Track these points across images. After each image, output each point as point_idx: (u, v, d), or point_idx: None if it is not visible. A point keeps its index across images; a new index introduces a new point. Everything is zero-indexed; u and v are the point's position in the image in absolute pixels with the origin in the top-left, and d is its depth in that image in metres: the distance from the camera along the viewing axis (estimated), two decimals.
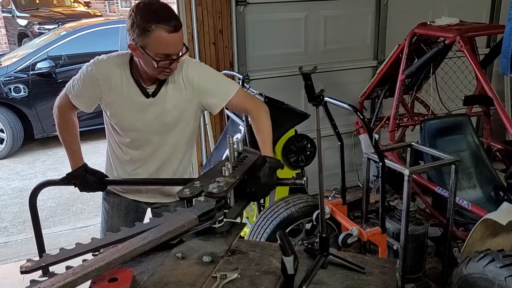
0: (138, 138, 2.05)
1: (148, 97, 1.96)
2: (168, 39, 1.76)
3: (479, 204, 2.90)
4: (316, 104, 1.49)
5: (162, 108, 1.99)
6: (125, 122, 2.03)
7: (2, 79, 6.03)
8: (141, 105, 1.97)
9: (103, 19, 9.79)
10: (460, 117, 3.41)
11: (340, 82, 4.10)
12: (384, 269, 1.39)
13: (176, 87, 1.98)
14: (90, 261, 1.16)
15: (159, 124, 2.01)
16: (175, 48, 1.81)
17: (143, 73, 1.92)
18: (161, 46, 1.77)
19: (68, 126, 2.11)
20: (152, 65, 1.81)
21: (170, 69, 1.85)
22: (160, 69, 1.83)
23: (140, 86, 1.95)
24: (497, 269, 2.11)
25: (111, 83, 1.95)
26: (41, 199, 4.71)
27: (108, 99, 1.99)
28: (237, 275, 1.30)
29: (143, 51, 1.79)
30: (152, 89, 1.96)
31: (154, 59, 1.78)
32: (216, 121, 3.78)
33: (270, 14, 3.76)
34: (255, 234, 2.70)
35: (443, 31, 3.22)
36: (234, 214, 1.48)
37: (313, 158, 3.14)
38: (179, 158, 2.15)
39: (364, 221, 2.87)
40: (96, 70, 1.95)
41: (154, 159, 2.10)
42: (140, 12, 1.76)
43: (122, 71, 1.95)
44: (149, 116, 1.99)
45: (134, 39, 1.79)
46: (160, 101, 1.97)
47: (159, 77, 1.90)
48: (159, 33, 1.74)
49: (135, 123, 2.01)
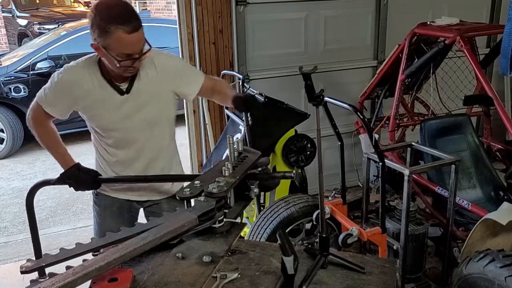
0: (120, 137, 2.07)
1: (123, 94, 1.98)
2: (128, 39, 1.77)
3: (479, 204, 2.90)
4: (316, 104, 1.49)
5: (139, 103, 2.01)
6: (104, 123, 2.05)
7: (2, 79, 6.03)
8: (117, 103, 1.99)
9: None
10: (460, 117, 3.41)
11: (340, 82, 4.10)
12: (384, 269, 1.39)
13: (150, 80, 2.01)
14: (90, 261, 1.16)
15: (139, 120, 2.03)
16: (136, 47, 1.83)
17: (112, 72, 1.94)
18: (122, 46, 1.79)
19: (48, 135, 2.13)
20: (115, 64, 1.84)
21: (133, 68, 1.88)
22: (124, 68, 1.85)
23: (112, 84, 1.97)
24: (497, 269, 2.11)
25: (83, 87, 1.96)
26: (41, 199, 4.72)
27: (84, 103, 2.00)
28: (237, 275, 1.30)
29: (105, 51, 1.81)
30: (125, 85, 1.98)
31: (116, 59, 1.81)
32: (216, 121, 3.78)
33: (270, 14, 3.76)
34: (255, 234, 2.70)
35: (443, 31, 3.22)
36: (234, 214, 1.48)
37: (313, 158, 3.14)
38: (164, 153, 2.18)
39: (364, 221, 2.87)
40: (67, 76, 1.97)
41: (140, 157, 2.12)
42: (99, 12, 1.78)
43: (92, 74, 1.96)
44: (127, 112, 2.01)
45: (96, 39, 1.81)
46: (135, 96, 2.00)
47: (124, 75, 1.92)
48: (119, 34, 1.76)
49: (115, 122, 2.03)
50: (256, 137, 2.90)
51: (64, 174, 2.10)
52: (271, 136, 3.10)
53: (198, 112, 3.74)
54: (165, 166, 2.20)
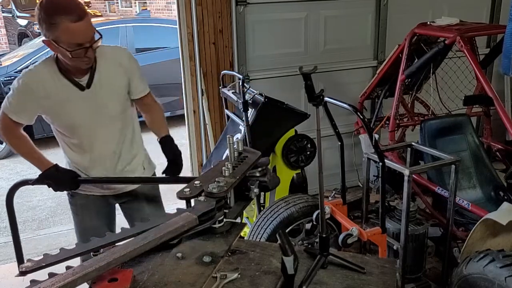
0: (85, 134, 2.10)
1: (83, 89, 2.02)
2: (74, 28, 1.82)
3: (479, 204, 2.90)
4: (316, 104, 1.49)
5: (100, 98, 2.05)
6: (68, 120, 2.07)
7: (2, 79, 6.03)
8: (79, 98, 2.02)
9: (103, 19, 9.78)
10: (460, 117, 3.41)
11: (340, 82, 4.10)
12: (384, 269, 1.39)
13: (110, 73, 2.06)
14: (90, 261, 1.16)
15: (101, 114, 2.07)
16: (84, 36, 1.86)
17: (70, 67, 1.97)
18: (70, 36, 1.83)
19: (20, 142, 2.16)
20: (68, 56, 1.87)
21: (87, 58, 1.91)
22: (78, 59, 1.89)
23: (72, 80, 2.00)
24: (497, 269, 2.11)
25: (45, 87, 1.99)
26: (41, 199, 4.72)
27: (47, 103, 2.02)
28: (237, 275, 1.30)
29: (56, 45, 1.86)
30: (84, 80, 2.02)
31: (68, 50, 1.84)
32: (216, 121, 3.78)
33: (270, 14, 3.76)
34: (255, 234, 2.70)
35: (443, 31, 3.22)
36: (234, 214, 1.47)
37: (313, 158, 3.15)
38: (131, 147, 2.24)
39: (364, 221, 2.87)
40: (28, 80, 2.00)
41: (107, 153, 2.17)
42: (44, 7, 1.84)
43: (51, 73, 2.00)
44: (89, 107, 2.04)
45: (45, 35, 1.86)
46: (96, 90, 2.04)
47: (81, 67, 1.95)
48: (65, 24, 1.81)
49: (78, 118, 2.06)
50: (256, 137, 2.91)
51: (43, 175, 2.12)
52: (271, 136, 3.10)
53: (198, 112, 3.74)
54: (134, 160, 2.26)
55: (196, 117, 3.78)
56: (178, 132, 6.86)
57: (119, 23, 7.02)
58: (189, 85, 3.69)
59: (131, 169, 2.26)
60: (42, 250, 3.82)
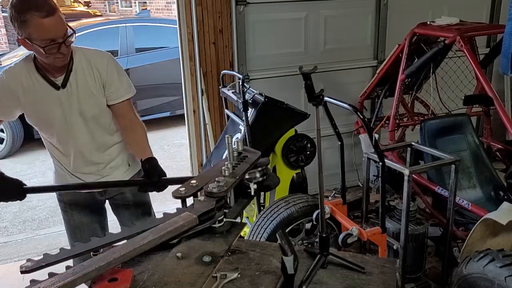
0: (61, 133, 2.11)
1: (59, 89, 2.03)
2: (45, 24, 1.83)
3: (479, 204, 2.90)
4: (316, 104, 1.49)
5: (74, 97, 2.05)
6: (43, 118, 2.08)
7: None
8: (54, 97, 2.04)
9: (103, 19, 9.79)
10: (460, 117, 3.41)
11: (340, 82, 4.10)
12: (384, 269, 1.39)
13: (86, 75, 2.06)
14: (90, 261, 1.16)
15: (76, 114, 2.08)
16: (56, 31, 1.87)
17: (46, 66, 1.99)
18: (42, 32, 1.84)
19: None
20: (42, 53, 1.88)
21: (61, 54, 1.91)
22: (52, 55, 1.90)
23: (47, 79, 2.02)
24: (497, 269, 2.11)
25: (23, 84, 2.02)
26: (41, 199, 4.72)
27: (25, 101, 2.05)
28: (237, 275, 1.30)
29: (30, 43, 1.87)
30: (60, 80, 2.03)
31: (41, 47, 1.86)
32: (216, 121, 3.78)
33: (270, 14, 3.76)
34: (255, 234, 2.70)
35: (443, 31, 3.22)
36: (234, 214, 1.47)
37: (313, 158, 3.15)
38: (110, 148, 2.22)
39: (364, 221, 2.87)
40: (7, 77, 2.03)
41: (87, 153, 2.16)
42: (14, 6, 1.86)
43: (29, 71, 2.02)
44: (64, 107, 2.05)
45: (18, 33, 1.89)
46: (72, 91, 2.04)
47: (56, 64, 1.96)
48: (35, 20, 1.82)
49: (53, 117, 2.06)
50: (256, 137, 2.91)
51: None
52: (271, 136, 3.10)
53: (198, 112, 3.74)
54: (117, 158, 2.25)
55: (196, 117, 3.78)
56: (178, 132, 6.89)
57: (119, 23, 7.02)
58: (189, 85, 3.69)
59: (115, 165, 2.25)
60: (42, 250, 3.82)
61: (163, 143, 6.46)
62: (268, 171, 1.61)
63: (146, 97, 6.68)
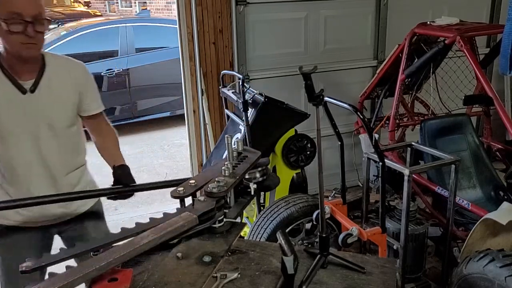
0: (13, 144, 1.85)
1: (25, 93, 1.82)
2: None
3: (479, 204, 2.90)
4: (316, 104, 1.49)
5: (42, 104, 1.85)
6: (1, 124, 1.83)
7: None
8: (18, 102, 1.82)
9: (103, 19, 9.79)
10: (460, 117, 3.41)
11: (340, 82, 4.10)
12: (384, 269, 1.39)
13: (61, 81, 1.89)
14: (90, 261, 1.16)
15: (40, 124, 1.86)
16: (25, 5, 1.68)
17: (15, 65, 1.80)
18: (7, 2, 1.67)
19: None
20: (5, 30, 1.68)
21: (28, 37, 1.70)
22: (16, 37, 1.69)
23: (13, 81, 1.81)
24: (497, 269, 2.11)
25: None
26: None
27: None
28: (237, 275, 1.30)
29: None
30: (29, 84, 1.82)
31: (2, 18, 1.66)
32: (216, 121, 3.78)
33: (270, 14, 3.76)
34: (255, 234, 2.70)
35: (443, 31, 3.22)
36: (234, 214, 1.47)
37: (313, 158, 3.15)
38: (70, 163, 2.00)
39: (364, 221, 2.87)
40: None
41: (39, 171, 1.90)
42: None
43: None
44: (27, 114, 1.83)
45: None
46: (40, 97, 1.84)
47: (23, 54, 1.76)
48: None
49: (13, 124, 1.83)
50: (256, 137, 2.91)
51: None
52: (271, 136, 3.10)
53: (198, 112, 3.74)
54: (72, 183, 2.00)
55: (196, 117, 3.78)
56: (178, 132, 6.88)
57: (119, 23, 7.02)
58: (189, 85, 3.70)
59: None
60: None
61: (163, 143, 6.46)
62: (268, 171, 1.61)
63: (146, 97, 6.69)
